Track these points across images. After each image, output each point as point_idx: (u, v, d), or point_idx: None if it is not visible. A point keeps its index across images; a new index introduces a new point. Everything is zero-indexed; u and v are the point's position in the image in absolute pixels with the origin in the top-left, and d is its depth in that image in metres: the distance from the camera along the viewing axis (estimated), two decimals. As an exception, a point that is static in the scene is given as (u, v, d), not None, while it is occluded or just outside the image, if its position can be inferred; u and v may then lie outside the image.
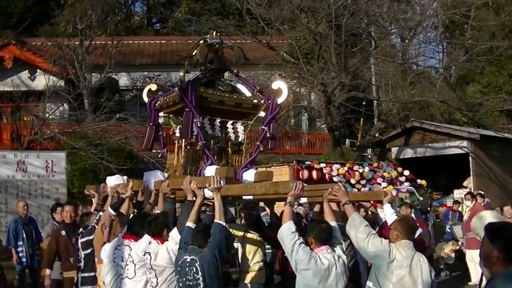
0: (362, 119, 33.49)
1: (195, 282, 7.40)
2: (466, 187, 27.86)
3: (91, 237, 10.03)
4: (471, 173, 28.44)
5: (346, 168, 24.40)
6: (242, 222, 11.95)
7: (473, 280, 17.18)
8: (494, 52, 30.76)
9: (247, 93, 10.29)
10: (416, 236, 10.18)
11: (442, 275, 19.31)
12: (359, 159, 28.90)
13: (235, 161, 9.90)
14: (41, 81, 29.39)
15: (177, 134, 10.13)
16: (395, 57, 31.43)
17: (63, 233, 12.22)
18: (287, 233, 7.31)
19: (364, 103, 33.00)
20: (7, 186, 19.05)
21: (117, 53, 34.53)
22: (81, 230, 10.81)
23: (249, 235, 10.43)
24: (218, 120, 9.78)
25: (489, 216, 6.78)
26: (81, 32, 32.06)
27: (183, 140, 9.64)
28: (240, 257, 10.75)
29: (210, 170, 8.71)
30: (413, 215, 19.32)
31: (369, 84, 31.98)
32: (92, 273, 10.19)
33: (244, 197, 9.02)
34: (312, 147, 33.96)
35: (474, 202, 19.92)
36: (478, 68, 35.35)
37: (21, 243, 14.94)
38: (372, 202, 11.73)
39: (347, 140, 33.30)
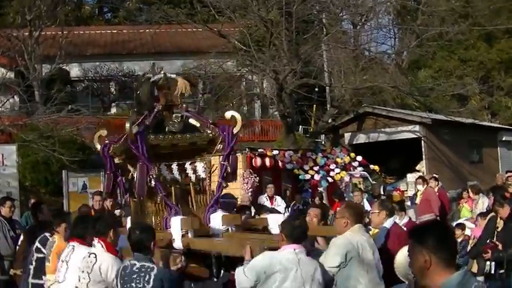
0: (314, 105, 33.58)
1: None
2: (419, 171, 28.10)
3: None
4: (423, 157, 28.66)
5: (299, 155, 24.48)
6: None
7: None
8: (445, 37, 31.04)
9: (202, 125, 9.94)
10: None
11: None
12: (312, 145, 28.97)
13: (200, 201, 9.64)
14: (-11, 74, 29.02)
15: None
16: (347, 44, 31.52)
17: None
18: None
19: (316, 89, 33.12)
20: (-43, 181, 18.83)
21: (68, 44, 34.10)
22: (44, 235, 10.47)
23: None
24: (175, 164, 9.49)
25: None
26: (30, 23, 31.47)
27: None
28: None
29: (175, 222, 8.52)
30: (365, 200, 19.58)
31: (321, 71, 32.09)
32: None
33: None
34: (265, 135, 33.94)
35: (426, 186, 20.09)
36: (429, 53, 35.69)
37: None
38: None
39: (300, 126, 33.42)
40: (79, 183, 22.38)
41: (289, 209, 20.03)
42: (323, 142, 31.96)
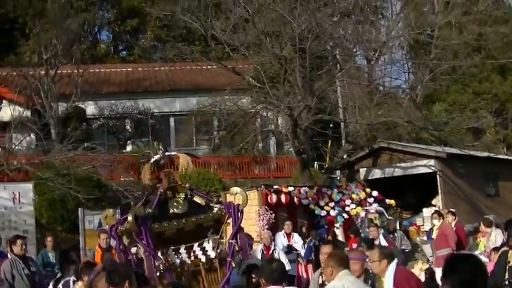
0: (329, 141, 33.59)
1: None
2: (434, 205, 28.00)
3: None
4: (439, 191, 28.57)
5: (314, 191, 24.46)
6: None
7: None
8: (458, 71, 31.13)
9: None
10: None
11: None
12: (328, 181, 28.96)
13: (211, 280, 9.61)
14: (6, 112, 29.15)
15: None
16: (361, 79, 31.61)
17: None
18: None
19: (331, 125, 33.16)
20: (-26, 219, 18.86)
21: (84, 82, 34.29)
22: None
23: None
24: (183, 247, 9.41)
25: None
26: (47, 62, 31.71)
27: None
28: None
29: None
30: (381, 236, 19.55)
31: (336, 107, 32.18)
32: None
33: None
34: (281, 171, 33.80)
35: (442, 220, 20.01)
36: (443, 87, 35.78)
37: None
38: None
39: (315, 162, 33.35)
40: (95, 220, 22.24)
41: (305, 245, 19.98)
42: (338, 178, 31.89)
